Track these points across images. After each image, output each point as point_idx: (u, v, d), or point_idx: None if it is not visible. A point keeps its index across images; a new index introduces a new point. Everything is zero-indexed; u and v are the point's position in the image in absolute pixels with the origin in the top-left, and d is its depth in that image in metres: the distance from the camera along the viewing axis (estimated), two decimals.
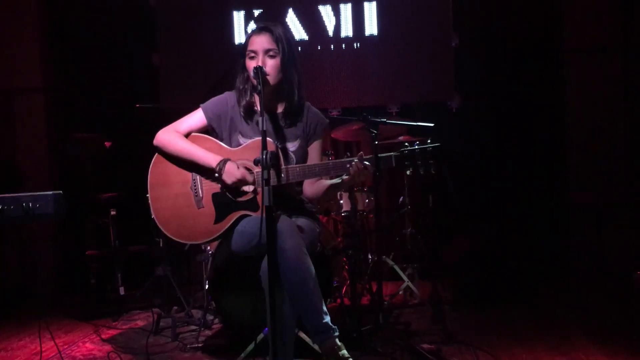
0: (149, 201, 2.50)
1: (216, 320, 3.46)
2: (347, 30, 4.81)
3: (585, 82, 4.41)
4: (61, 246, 4.66)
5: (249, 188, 2.40)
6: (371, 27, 4.80)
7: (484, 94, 4.69)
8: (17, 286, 4.42)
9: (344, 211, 3.74)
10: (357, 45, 4.83)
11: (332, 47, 4.84)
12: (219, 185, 2.43)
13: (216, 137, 2.55)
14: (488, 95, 4.68)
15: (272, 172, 2.22)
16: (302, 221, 2.44)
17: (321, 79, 4.79)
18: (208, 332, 3.33)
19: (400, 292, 3.82)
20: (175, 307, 3.82)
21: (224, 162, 2.37)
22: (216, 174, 2.37)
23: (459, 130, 4.62)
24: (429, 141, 2.36)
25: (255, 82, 2.35)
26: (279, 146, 2.47)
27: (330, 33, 4.82)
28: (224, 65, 4.35)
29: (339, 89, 4.82)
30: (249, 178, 2.36)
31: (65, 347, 3.19)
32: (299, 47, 4.78)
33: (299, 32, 4.81)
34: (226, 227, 2.41)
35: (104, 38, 4.89)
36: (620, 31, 4.35)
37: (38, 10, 4.66)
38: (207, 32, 4.91)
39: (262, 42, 2.43)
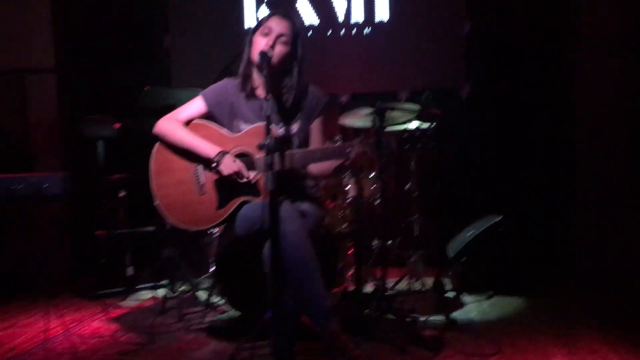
0: (152, 188, 2.53)
1: (221, 302, 3.49)
2: (357, 16, 4.79)
3: (595, 78, 4.36)
4: (71, 226, 4.70)
5: (245, 179, 2.41)
6: (382, 13, 4.77)
7: (493, 84, 4.65)
8: (28, 265, 4.48)
9: (350, 197, 3.74)
10: (367, 30, 4.80)
11: (342, 32, 4.82)
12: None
13: (217, 124, 2.56)
14: (498, 84, 4.65)
15: (275, 157, 2.23)
16: (305, 206, 2.46)
17: (331, 65, 4.78)
18: (213, 314, 3.36)
19: (405, 279, 3.83)
20: (182, 289, 3.86)
21: (222, 154, 2.39)
22: (214, 165, 2.39)
23: (468, 119, 4.60)
24: (430, 125, 2.37)
25: (258, 64, 2.35)
26: (282, 130, 2.48)
27: (341, 18, 4.80)
28: (234, 49, 4.35)
29: (349, 75, 4.81)
30: (245, 173, 2.38)
31: (73, 325, 3.25)
32: (309, 32, 4.77)
33: (309, 16, 4.80)
34: (228, 212, 2.44)
35: (117, 20, 4.90)
36: (631, 28, 4.28)
37: None
38: (218, 15, 4.90)
39: (280, 24, 2.44)
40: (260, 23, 2.50)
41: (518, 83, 4.59)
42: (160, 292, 3.76)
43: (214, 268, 3.54)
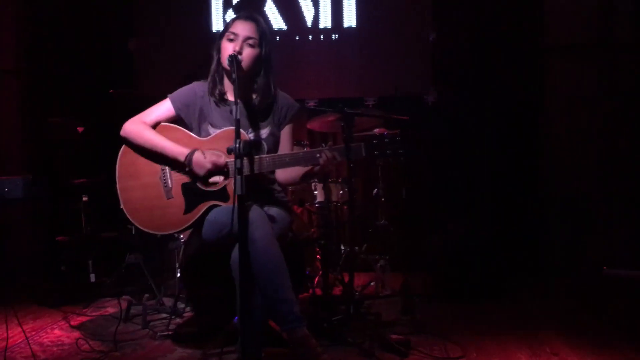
0: (118, 192, 2.48)
1: (187, 309, 3.45)
2: (326, 21, 4.81)
3: (563, 78, 4.46)
4: (32, 232, 4.59)
5: (219, 178, 2.39)
6: (350, 18, 4.80)
7: (460, 89, 4.73)
8: None
9: (318, 202, 3.75)
10: (335, 36, 4.83)
11: (310, 37, 4.83)
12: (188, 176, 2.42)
13: (185, 127, 2.53)
14: (465, 89, 4.72)
15: (244, 161, 2.21)
16: (273, 211, 2.45)
17: (299, 70, 4.79)
18: (179, 320, 3.31)
19: (372, 283, 3.84)
20: (147, 295, 3.80)
21: (191, 153, 2.36)
22: (186, 168, 2.37)
23: (435, 124, 4.65)
24: (398, 131, 2.38)
25: (229, 69, 2.34)
26: (251, 135, 2.47)
27: (309, 23, 4.81)
28: (201, 53, 4.31)
29: (317, 80, 4.82)
30: (221, 162, 2.35)
31: (33, 333, 3.16)
32: (277, 37, 4.77)
33: (277, 21, 4.80)
34: (196, 217, 2.41)
35: (81, 22, 4.82)
36: (597, 30, 4.40)
37: None
38: (185, 18, 4.87)
39: (245, 28, 2.43)
40: (225, 29, 2.49)
41: (485, 88, 4.67)
42: (124, 299, 3.68)
43: (179, 274, 3.49)
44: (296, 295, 2.29)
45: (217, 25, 4.85)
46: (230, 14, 4.83)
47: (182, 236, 3.56)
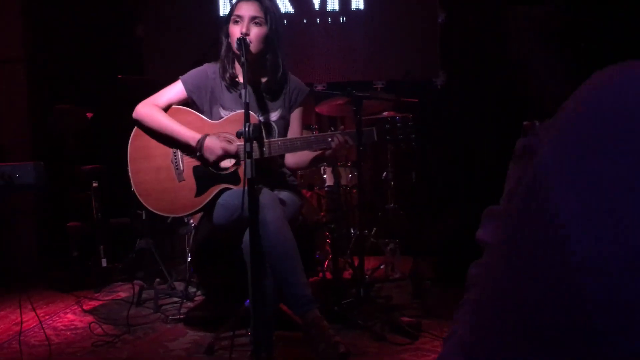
0: (130, 174, 2.49)
1: (198, 293, 3.47)
2: (333, 4, 4.77)
3: None
4: (43, 218, 4.62)
5: (230, 162, 2.39)
6: (358, 1, 4.76)
7: (470, 71, 4.69)
8: (0, 257, 4.39)
9: (328, 186, 3.75)
10: (343, 19, 4.79)
11: (318, 20, 4.80)
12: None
13: (196, 110, 2.53)
14: (474, 72, 4.68)
15: (254, 145, 2.21)
16: (284, 194, 2.45)
17: (306, 53, 4.76)
18: (190, 304, 3.34)
19: (382, 267, 3.85)
20: (158, 279, 3.81)
21: (202, 139, 2.36)
22: (197, 153, 2.37)
23: (444, 107, 4.63)
24: (410, 116, 2.37)
25: (238, 52, 2.33)
26: (262, 118, 2.47)
27: (317, 6, 4.78)
28: (208, 37, 4.31)
29: (325, 64, 4.79)
30: (232, 149, 2.36)
31: (47, 317, 3.19)
32: (285, 20, 4.74)
33: (284, 4, 4.76)
34: (207, 200, 2.41)
35: (88, 8, 4.80)
36: None
37: None
38: (192, 2, 4.85)
39: (249, 8, 2.42)
40: (230, 12, 2.48)
41: (494, 71, 4.62)
42: (136, 284, 3.71)
43: (190, 258, 3.51)
44: (307, 278, 2.30)
45: (223, 8, 4.82)
46: None
47: (192, 220, 3.57)
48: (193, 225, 3.55)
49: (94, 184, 3.92)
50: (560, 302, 0.37)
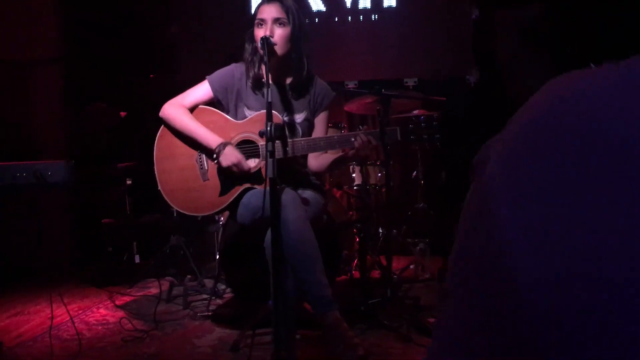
0: (155, 173, 2.53)
1: (227, 290, 3.50)
2: (365, 2, 4.75)
3: None
4: (77, 215, 4.73)
5: (254, 162, 2.41)
6: None
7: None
8: (35, 253, 4.51)
9: (356, 185, 3.73)
10: (375, 17, 4.76)
11: (349, 18, 4.78)
12: None
13: (222, 109, 2.55)
14: None
15: (277, 144, 2.22)
16: (307, 194, 2.45)
17: (338, 52, 4.75)
18: (219, 302, 3.38)
19: (411, 267, 3.82)
20: (189, 276, 3.88)
21: (223, 145, 2.38)
22: (214, 156, 2.39)
23: (477, 105, 4.55)
24: (435, 116, 2.34)
25: (262, 52, 2.34)
26: (286, 118, 2.47)
27: (348, 4, 4.76)
28: (239, 37, 4.33)
29: (356, 62, 4.78)
30: (245, 165, 2.37)
31: (80, 312, 3.27)
32: (316, 19, 4.74)
33: (316, 3, 4.76)
34: (231, 199, 2.43)
35: (121, 9, 4.90)
36: None
37: None
38: (223, 3, 4.89)
39: (271, 10, 2.42)
40: (253, 17, 2.49)
41: None
42: (167, 280, 3.77)
43: (218, 256, 3.54)
44: (331, 278, 2.29)
45: (255, 7, 4.84)
46: None
47: (222, 218, 3.61)
48: (222, 223, 3.58)
49: (128, 182, 4.00)
50: (503, 319, 0.36)
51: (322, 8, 4.77)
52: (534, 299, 0.34)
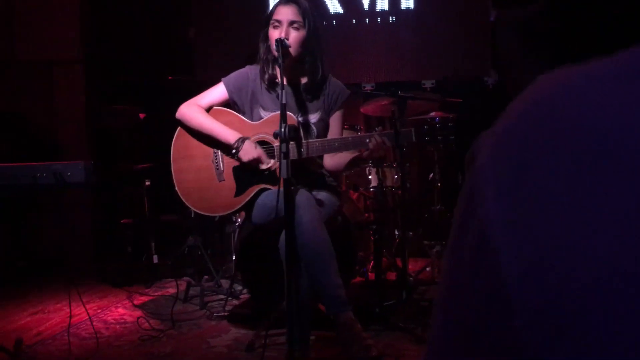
0: (172, 173, 2.56)
1: (244, 291, 3.52)
2: (383, 3, 4.74)
3: None
4: (97, 215, 4.79)
5: (265, 166, 2.42)
6: (407, 0, 4.72)
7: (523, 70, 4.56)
8: (55, 252, 4.58)
9: (372, 186, 3.73)
10: (392, 19, 4.76)
11: (367, 20, 4.78)
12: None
13: (237, 111, 2.57)
14: (527, 70, 4.55)
15: (291, 145, 2.23)
16: (322, 195, 2.46)
17: (355, 53, 4.75)
18: (235, 302, 3.40)
19: (427, 269, 3.80)
20: (206, 277, 3.91)
21: (242, 140, 2.40)
22: (233, 151, 2.41)
23: (495, 107, 4.51)
24: (451, 117, 2.33)
25: (276, 54, 2.35)
26: (301, 119, 2.48)
27: (366, 6, 4.76)
28: (258, 40, 4.36)
29: (374, 63, 4.77)
30: (265, 159, 2.39)
31: (99, 311, 3.31)
32: (334, 21, 4.75)
33: (334, 5, 4.77)
34: (246, 200, 2.45)
35: (142, 11, 4.96)
36: None
37: None
38: (242, 5, 4.92)
39: (287, 13, 2.43)
40: (269, 17, 2.51)
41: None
42: (184, 280, 3.81)
43: (234, 257, 3.57)
44: (346, 279, 2.30)
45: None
46: None
47: (239, 219, 3.63)
48: (238, 224, 3.61)
49: (147, 182, 4.04)
50: (489, 316, 0.36)
51: (340, 10, 4.78)
52: (520, 295, 0.34)
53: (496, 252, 0.35)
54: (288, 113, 2.14)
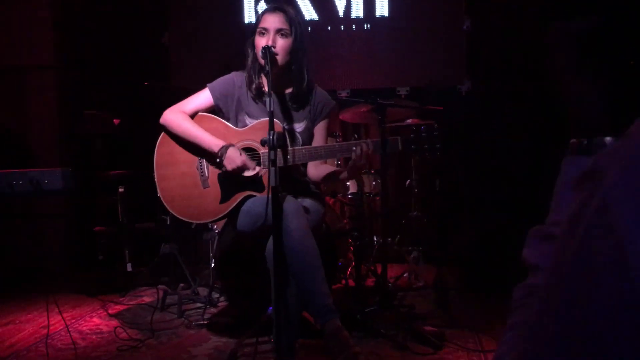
0: (155, 180, 2.53)
1: (222, 299, 3.49)
2: (357, 11, 4.78)
3: None
4: (70, 222, 4.69)
5: (249, 173, 2.41)
6: (382, 8, 4.76)
7: (494, 78, 4.65)
8: (27, 261, 4.47)
9: (351, 193, 3.74)
10: (367, 26, 4.79)
11: (342, 27, 4.81)
12: None
13: (222, 117, 2.56)
14: (499, 79, 4.65)
15: (278, 153, 2.22)
16: (307, 202, 2.46)
17: (330, 60, 4.77)
18: (213, 310, 3.36)
19: (405, 275, 3.83)
20: (182, 285, 3.86)
21: (225, 147, 2.39)
22: (217, 160, 2.39)
23: (469, 114, 4.60)
24: (435, 125, 2.35)
25: (263, 62, 2.35)
26: (286, 127, 2.48)
27: (341, 13, 4.79)
28: (233, 45, 4.34)
29: (349, 71, 4.80)
30: (250, 165, 2.38)
31: (73, 321, 3.24)
32: (309, 27, 4.76)
33: (309, 12, 4.78)
34: (231, 207, 2.43)
35: (115, 16, 4.89)
36: None
37: None
38: (217, 11, 4.90)
39: (274, 20, 2.43)
40: (256, 24, 2.50)
41: (519, 78, 4.59)
42: (160, 289, 3.75)
43: (214, 264, 3.53)
44: (329, 286, 2.30)
45: (249, 16, 4.86)
46: (263, 5, 4.83)
47: (215, 227, 3.60)
48: (217, 231, 3.57)
49: (120, 189, 3.98)
50: (624, 331, 0.36)
51: (315, 17, 4.79)
52: None
53: (634, 268, 0.35)
54: (275, 120, 2.13)
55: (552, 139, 4.58)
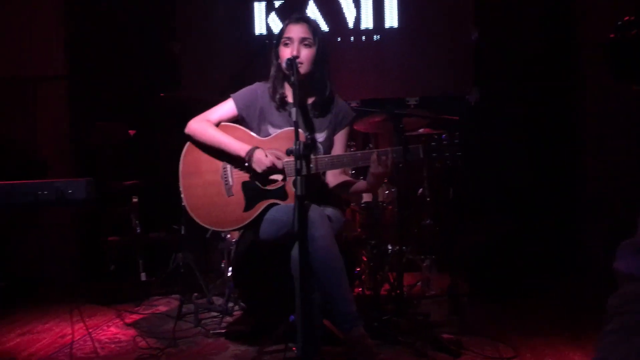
0: (181, 189, 2.56)
1: (236, 308, 3.50)
2: (367, 22, 4.83)
3: (602, 82, 4.40)
4: (82, 232, 4.70)
5: (277, 177, 2.44)
6: (391, 19, 4.82)
7: (502, 88, 4.70)
8: (38, 271, 4.48)
9: (364, 202, 3.77)
10: (377, 37, 4.85)
11: (352, 38, 4.86)
12: (249, 174, 2.48)
13: (246, 127, 2.59)
14: (506, 89, 4.69)
15: (303, 162, 2.25)
16: (329, 211, 2.49)
17: (340, 71, 4.80)
18: (229, 319, 3.38)
19: (419, 283, 3.85)
20: (196, 294, 3.87)
21: (252, 150, 2.42)
22: (246, 163, 2.42)
23: (477, 124, 4.63)
24: (457, 134, 2.38)
25: (288, 72, 2.39)
26: (308, 137, 2.51)
27: (351, 25, 4.84)
28: (243, 56, 4.39)
29: (358, 81, 4.84)
30: (279, 165, 2.41)
31: (91, 330, 3.25)
32: None
33: (319, 23, 4.83)
34: (255, 215, 2.46)
35: (126, 27, 4.93)
36: None
37: None
38: (227, 22, 4.94)
39: (299, 31, 2.48)
40: (280, 35, 2.55)
41: (526, 88, 4.63)
42: (174, 298, 3.77)
43: (231, 273, 3.55)
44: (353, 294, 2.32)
45: (259, 28, 4.91)
46: (273, 17, 4.89)
47: (229, 236, 3.62)
48: (233, 240, 3.59)
49: (134, 199, 4.00)
50: None
51: (325, 28, 4.84)
52: None
53: None
54: (299, 130, 2.16)
55: (557, 147, 4.63)
